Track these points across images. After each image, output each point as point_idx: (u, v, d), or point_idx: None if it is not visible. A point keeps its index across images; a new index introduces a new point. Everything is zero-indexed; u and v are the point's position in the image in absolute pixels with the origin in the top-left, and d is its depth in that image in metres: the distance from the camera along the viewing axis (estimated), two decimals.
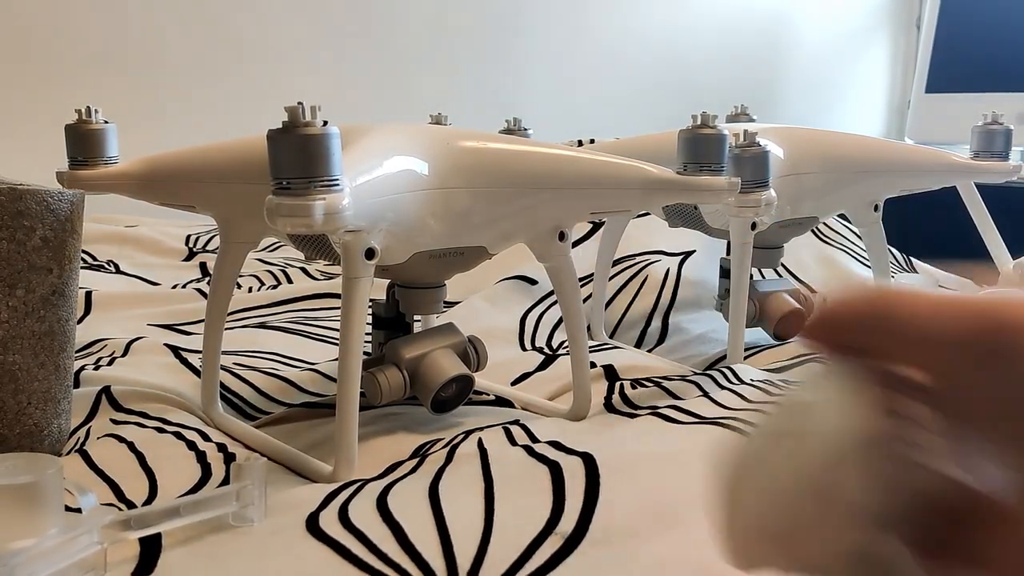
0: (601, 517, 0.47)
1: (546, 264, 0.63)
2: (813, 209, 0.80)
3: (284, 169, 0.47)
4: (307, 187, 0.46)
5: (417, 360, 0.60)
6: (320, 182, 0.47)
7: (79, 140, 0.64)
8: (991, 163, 0.83)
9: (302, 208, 0.46)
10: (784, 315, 0.80)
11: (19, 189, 0.56)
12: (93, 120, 0.65)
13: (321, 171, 0.47)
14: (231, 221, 0.63)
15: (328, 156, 0.47)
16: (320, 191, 0.47)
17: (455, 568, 0.44)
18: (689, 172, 0.61)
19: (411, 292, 0.63)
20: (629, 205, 0.64)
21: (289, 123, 0.47)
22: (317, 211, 0.46)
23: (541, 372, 0.75)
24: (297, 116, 0.47)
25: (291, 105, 0.47)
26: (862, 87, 2.51)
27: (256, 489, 0.48)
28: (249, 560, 0.45)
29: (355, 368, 0.53)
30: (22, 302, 0.56)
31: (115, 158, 0.65)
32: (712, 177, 0.61)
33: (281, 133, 0.47)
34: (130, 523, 0.44)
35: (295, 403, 0.68)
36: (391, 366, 0.60)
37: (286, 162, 0.47)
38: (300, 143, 0.46)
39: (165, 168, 0.64)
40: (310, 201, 0.46)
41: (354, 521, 0.47)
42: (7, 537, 0.41)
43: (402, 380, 0.60)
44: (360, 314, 0.53)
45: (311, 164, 0.47)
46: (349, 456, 0.54)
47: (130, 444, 0.58)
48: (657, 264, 0.98)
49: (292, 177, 0.47)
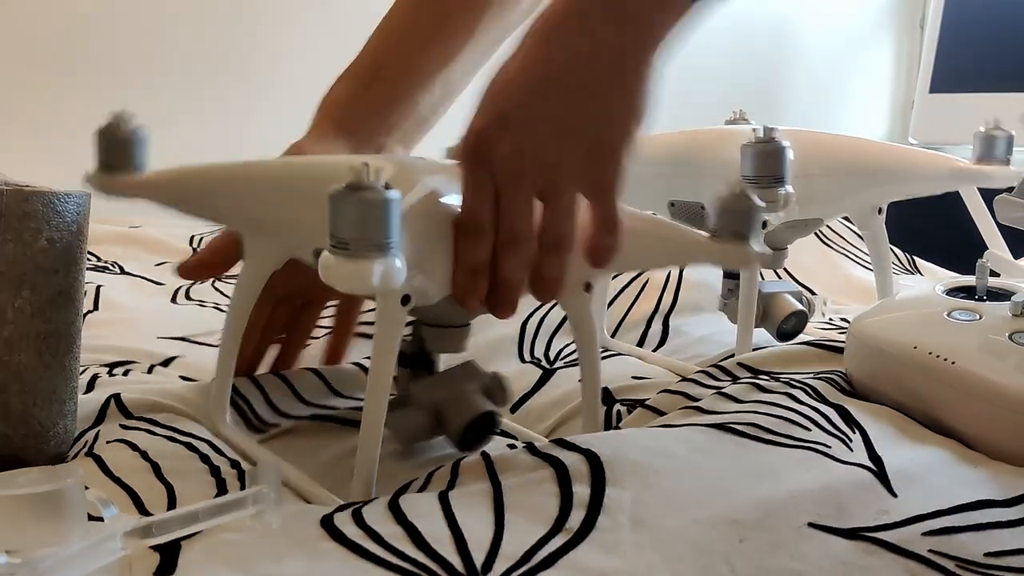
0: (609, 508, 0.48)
1: (568, 312, 0.62)
2: (819, 211, 0.81)
3: (343, 229, 0.47)
4: (365, 250, 0.47)
5: (444, 401, 0.60)
6: (378, 245, 0.47)
7: (112, 145, 0.63)
8: (994, 168, 0.84)
9: (360, 271, 0.47)
10: (788, 316, 0.80)
11: (25, 190, 0.56)
12: (127, 125, 0.63)
13: (381, 235, 0.47)
14: (258, 239, 0.63)
15: (388, 221, 0.47)
16: (377, 255, 0.47)
17: (471, 562, 0.44)
18: (721, 239, 0.58)
19: (437, 331, 0.63)
20: (653, 266, 0.63)
21: (353, 185, 0.47)
22: (375, 275, 0.47)
23: (539, 392, 0.75)
24: (361, 178, 0.47)
25: (355, 166, 0.47)
26: (866, 87, 2.51)
27: (272, 492, 0.48)
28: (268, 559, 0.45)
29: (381, 408, 0.54)
30: (28, 303, 0.56)
31: (144, 165, 0.64)
32: (742, 247, 0.58)
33: (344, 194, 0.47)
34: (151, 529, 0.45)
35: (304, 415, 0.69)
36: (417, 409, 0.61)
37: (346, 223, 0.47)
38: (363, 206, 0.47)
39: (197, 179, 0.64)
40: (368, 264, 0.47)
41: (369, 522, 0.48)
42: (33, 544, 0.41)
43: (428, 423, 0.60)
44: (390, 359, 0.54)
45: (372, 228, 0.47)
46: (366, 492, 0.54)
47: (143, 452, 0.59)
48: None
49: (351, 238, 0.47)
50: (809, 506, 0.48)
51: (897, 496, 0.50)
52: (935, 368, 0.59)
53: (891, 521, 0.48)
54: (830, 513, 0.48)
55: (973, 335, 0.60)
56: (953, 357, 0.59)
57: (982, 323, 0.61)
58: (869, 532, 0.47)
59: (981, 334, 0.60)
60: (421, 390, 0.61)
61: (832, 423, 0.58)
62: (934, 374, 0.59)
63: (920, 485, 0.51)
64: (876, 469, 0.52)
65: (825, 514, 0.48)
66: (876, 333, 0.65)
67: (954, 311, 0.63)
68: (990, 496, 0.50)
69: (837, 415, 0.59)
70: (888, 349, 0.63)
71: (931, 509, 0.49)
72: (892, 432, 0.57)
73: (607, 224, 0.55)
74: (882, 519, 0.48)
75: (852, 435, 0.56)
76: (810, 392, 0.62)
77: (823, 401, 0.61)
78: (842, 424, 0.58)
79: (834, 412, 0.59)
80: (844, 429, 0.57)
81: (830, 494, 0.49)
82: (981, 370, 0.58)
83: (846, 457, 0.53)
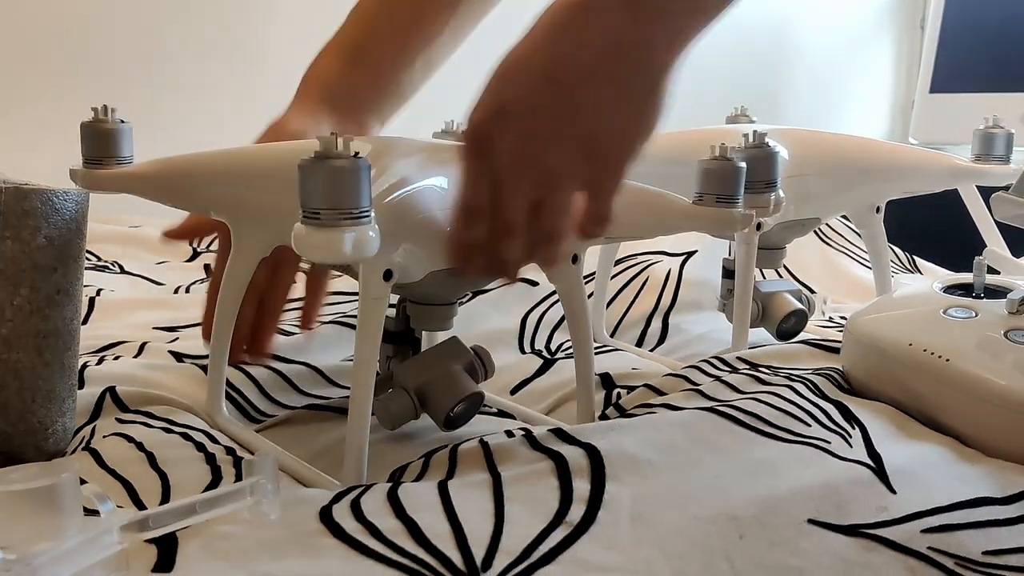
0: (609, 503, 0.48)
1: (557, 285, 0.63)
2: (816, 211, 0.81)
3: (314, 199, 0.47)
4: (337, 219, 0.47)
5: (426, 383, 0.60)
6: (350, 214, 0.47)
7: (94, 139, 0.64)
8: (992, 166, 0.84)
9: (332, 239, 0.47)
10: (787, 315, 0.80)
11: (24, 188, 0.56)
12: (109, 119, 0.64)
13: (351, 203, 0.47)
14: (244, 228, 0.63)
15: (359, 188, 0.47)
16: (350, 224, 0.47)
17: (471, 558, 0.44)
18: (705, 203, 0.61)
19: (422, 308, 0.63)
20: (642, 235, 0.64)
21: (322, 153, 0.47)
22: (347, 244, 0.47)
23: (540, 378, 0.76)
24: (330, 147, 0.47)
25: (325, 136, 0.47)
26: (866, 87, 2.51)
27: (270, 484, 0.48)
28: (267, 556, 0.45)
29: (368, 387, 0.54)
30: (27, 301, 0.56)
31: (129, 158, 0.65)
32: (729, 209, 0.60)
33: (313, 163, 0.47)
34: (148, 523, 0.45)
35: (298, 406, 0.69)
36: (400, 391, 0.60)
37: (317, 193, 0.47)
38: (332, 175, 0.47)
39: (180, 170, 0.64)
40: (340, 233, 0.47)
41: (368, 515, 0.48)
42: (29, 540, 0.41)
43: (412, 405, 0.60)
44: (375, 334, 0.54)
45: (342, 196, 0.47)
46: (358, 474, 0.54)
47: (139, 444, 0.59)
48: (658, 264, 0.99)
49: (322, 208, 0.47)
50: (809, 503, 0.48)
51: (896, 493, 0.50)
52: (930, 365, 0.59)
53: (890, 518, 0.48)
54: (830, 510, 0.48)
55: (969, 333, 0.60)
56: (948, 355, 0.59)
57: (978, 320, 0.61)
58: (869, 529, 0.47)
59: (977, 332, 0.60)
60: (404, 371, 0.61)
61: (832, 419, 0.58)
62: (929, 371, 0.59)
63: (919, 482, 0.51)
64: (875, 466, 0.52)
65: (825, 511, 0.48)
66: (872, 330, 0.64)
67: (950, 308, 0.63)
68: (989, 493, 0.50)
69: (837, 411, 0.59)
70: (884, 346, 0.63)
71: (930, 506, 0.49)
72: (891, 429, 0.57)
73: (598, 219, 0.55)
74: (881, 516, 0.48)
75: (852, 431, 0.56)
76: (810, 386, 0.62)
77: (823, 397, 0.61)
78: (842, 420, 0.58)
79: (834, 408, 0.59)
80: (844, 425, 0.57)
81: (830, 491, 0.49)
82: (975, 368, 0.57)
83: (846, 453, 0.53)
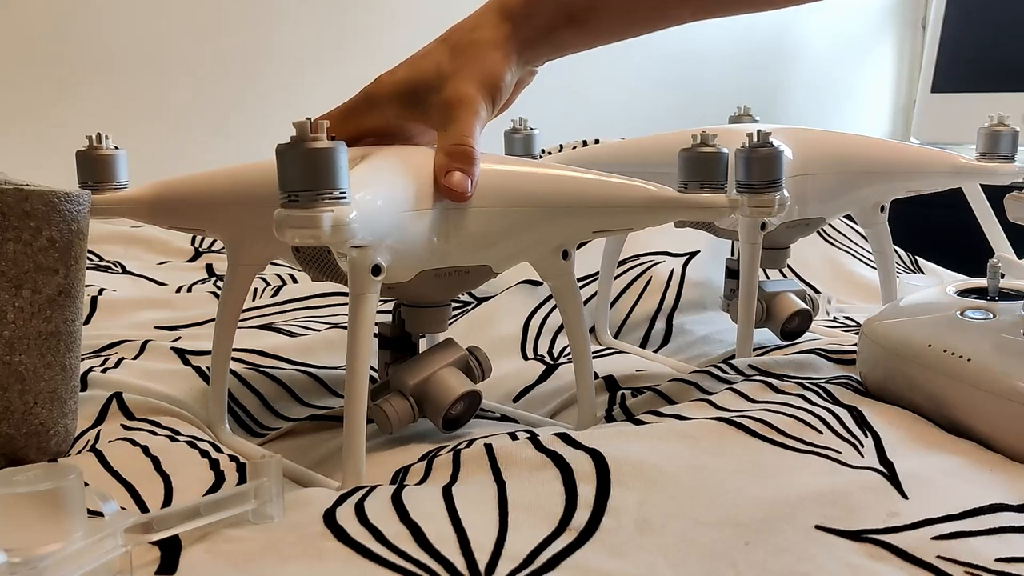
0: (614, 509, 0.48)
1: (549, 282, 0.63)
2: (820, 210, 0.80)
3: (292, 182, 0.48)
4: (315, 200, 0.47)
5: (422, 384, 0.60)
6: (328, 195, 0.47)
7: (89, 165, 0.65)
8: (997, 165, 0.83)
9: (310, 220, 0.47)
10: (792, 315, 0.80)
11: (25, 190, 0.56)
12: (104, 146, 0.66)
13: (329, 184, 0.48)
14: (239, 244, 0.64)
15: (336, 169, 0.48)
16: (328, 204, 0.47)
17: (475, 563, 0.44)
18: (690, 190, 0.62)
19: (416, 311, 0.63)
20: (631, 224, 0.65)
21: (297, 137, 0.48)
22: (325, 223, 0.47)
23: (542, 384, 0.75)
24: (305, 131, 0.48)
25: (299, 120, 0.48)
26: (868, 87, 2.51)
27: (274, 486, 0.48)
28: (270, 560, 0.45)
29: (362, 384, 0.53)
30: (28, 303, 0.56)
31: (125, 183, 0.66)
32: (713, 194, 0.62)
33: (289, 147, 0.48)
34: (152, 525, 0.44)
35: (300, 418, 0.69)
36: (397, 395, 0.60)
37: (294, 175, 0.48)
38: (308, 156, 0.47)
39: (175, 192, 0.65)
40: (318, 213, 0.47)
41: (371, 519, 0.47)
42: (34, 542, 0.41)
43: (410, 408, 0.60)
44: (367, 330, 0.53)
45: (319, 177, 0.47)
46: (356, 472, 0.54)
47: (144, 448, 0.59)
48: (661, 265, 0.98)
49: (300, 190, 0.47)
50: (816, 508, 0.48)
51: (908, 498, 0.49)
52: (950, 366, 0.59)
53: (900, 524, 0.47)
54: (838, 515, 0.47)
55: (988, 333, 0.60)
56: (968, 354, 0.58)
57: (996, 322, 0.61)
58: (877, 534, 0.47)
59: (996, 332, 0.60)
60: (400, 374, 0.61)
61: (844, 425, 0.57)
62: (949, 372, 0.59)
63: (933, 488, 0.50)
64: (887, 472, 0.52)
65: (832, 516, 0.47)
66: (889, 334, 0.64)
67: (967, 310, 0.63)
68: (1004, 500, 0.50)
69: (850, 417, 0.58)
70: (902, 349, 0.62)
71: (942, 513, 0.48)
72: (906, 437, 0.56)
73: None
74: (892, 521, 0.47)
75: (864, 439, 0.56)
76: (823, 394, 0.62)
77: (836, 403, 0.60)
78: (855, 427, 0.57)
79: (847, 414, 0.58)
80: (856, 433, 0.56)
81: (838, 496, 0.49)
82: (998, 367, 0.57)
83: (856, 462, 0.53)
